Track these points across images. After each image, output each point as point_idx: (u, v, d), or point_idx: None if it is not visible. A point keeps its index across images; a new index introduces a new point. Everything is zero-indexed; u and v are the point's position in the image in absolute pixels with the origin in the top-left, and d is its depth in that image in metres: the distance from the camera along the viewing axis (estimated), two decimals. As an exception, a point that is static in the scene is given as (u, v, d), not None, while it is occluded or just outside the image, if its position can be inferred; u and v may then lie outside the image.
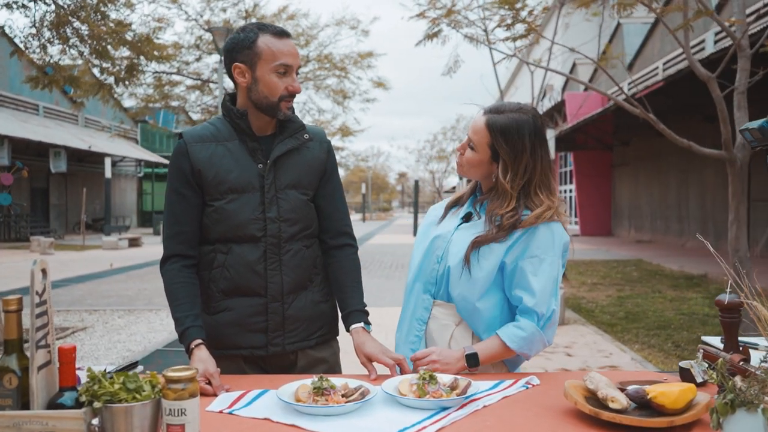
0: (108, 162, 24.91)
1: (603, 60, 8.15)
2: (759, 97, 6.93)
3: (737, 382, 1.21)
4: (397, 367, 1.76)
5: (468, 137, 1.88)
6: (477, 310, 1.79)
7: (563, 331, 6.76)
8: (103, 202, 27.33)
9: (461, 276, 1.80)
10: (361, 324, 1.88)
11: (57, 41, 8.50)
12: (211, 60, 16.75)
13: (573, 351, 6.03)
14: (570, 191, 25.95)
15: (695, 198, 17.22)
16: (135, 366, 1.68)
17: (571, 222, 24.75)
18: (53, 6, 8.30)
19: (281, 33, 1.82)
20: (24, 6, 8.29)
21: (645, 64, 18.44)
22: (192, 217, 1.87)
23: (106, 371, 1.24)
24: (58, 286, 10.70)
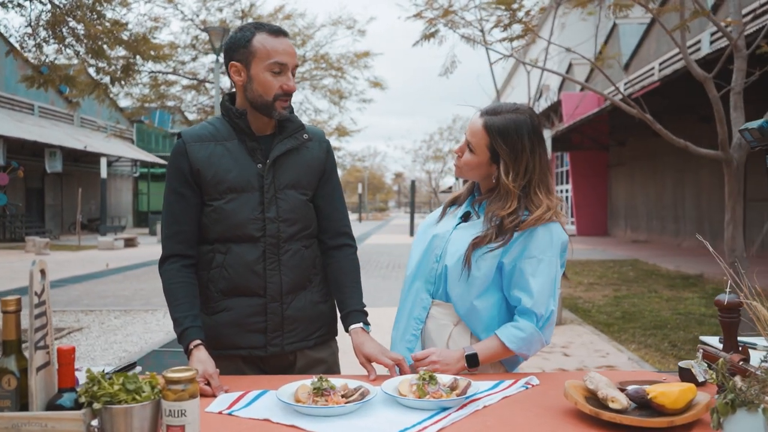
0: (104, 162, 24.86)
1: (599, 60, 8.16)
2: (755, 98, 6.94)
3: (737, 382, 1.21)
4: (397, 368, 1.76)
5: (466, 139, 1.87)
6: (475, 310, 1.79)
7: (560, 331, 6.76)
8: (99, 202, 27.29)
9: (460, 276, 1.79)
10: (360, 324, 1.87)
11: (53, 40, 8.47)
12: (207, 60, 16.71)
13: (570, 351, 6.03)
14: (566, 191, 25.98)
15: (691, 198, 17.26)
16: (133, 366, 1.67)
17: (568, 222, 24.76)
18: (49, 5, 8.27)
19: (277, 32, 1.81)
20: (20, 5, 8.25)
21: (641, 64, 18.47)
22: (191, 217, 1.86)
23: (104, 372, 1.24)
24: (53, 286, 10.67)
